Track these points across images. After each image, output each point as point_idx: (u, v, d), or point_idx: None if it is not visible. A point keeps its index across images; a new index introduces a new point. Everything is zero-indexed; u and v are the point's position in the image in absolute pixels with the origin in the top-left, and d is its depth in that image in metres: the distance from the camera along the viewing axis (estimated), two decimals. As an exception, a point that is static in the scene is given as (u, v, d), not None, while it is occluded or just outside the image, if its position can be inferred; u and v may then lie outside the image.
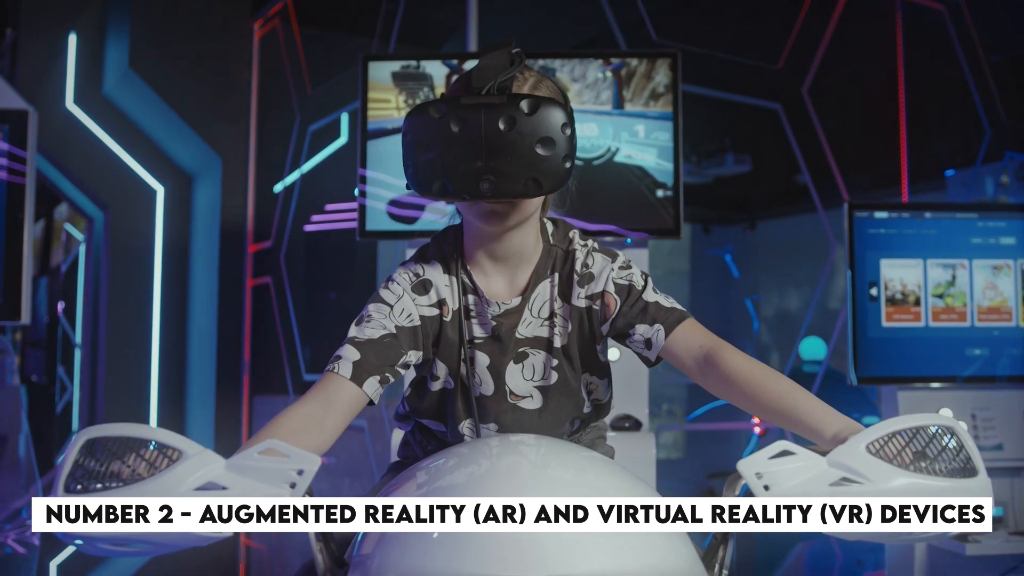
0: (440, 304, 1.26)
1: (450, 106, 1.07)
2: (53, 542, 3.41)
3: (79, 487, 0.83)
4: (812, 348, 4.14)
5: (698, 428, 5.74)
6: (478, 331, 1.27)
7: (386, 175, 2.33)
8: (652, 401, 2.30)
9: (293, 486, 0.84)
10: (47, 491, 3.44)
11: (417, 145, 1.10)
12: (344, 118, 3.65)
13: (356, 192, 2.37)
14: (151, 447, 0.85)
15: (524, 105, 1.07)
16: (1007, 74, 3.53)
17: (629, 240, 2.26)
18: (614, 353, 1.92)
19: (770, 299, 6.57)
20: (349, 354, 1.16)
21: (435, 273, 1.26)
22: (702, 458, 6.06)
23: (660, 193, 2.26)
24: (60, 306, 5.01)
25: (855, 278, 2.36)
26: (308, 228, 3.79)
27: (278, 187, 3.91)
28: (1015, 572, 2.29)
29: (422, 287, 1.25)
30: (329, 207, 3.68)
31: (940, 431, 0.88)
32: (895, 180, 3.39)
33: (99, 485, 0.83)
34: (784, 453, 0.86)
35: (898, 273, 2.37)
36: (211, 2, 3.87)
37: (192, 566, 3.65)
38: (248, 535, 3.85)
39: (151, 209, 3.77)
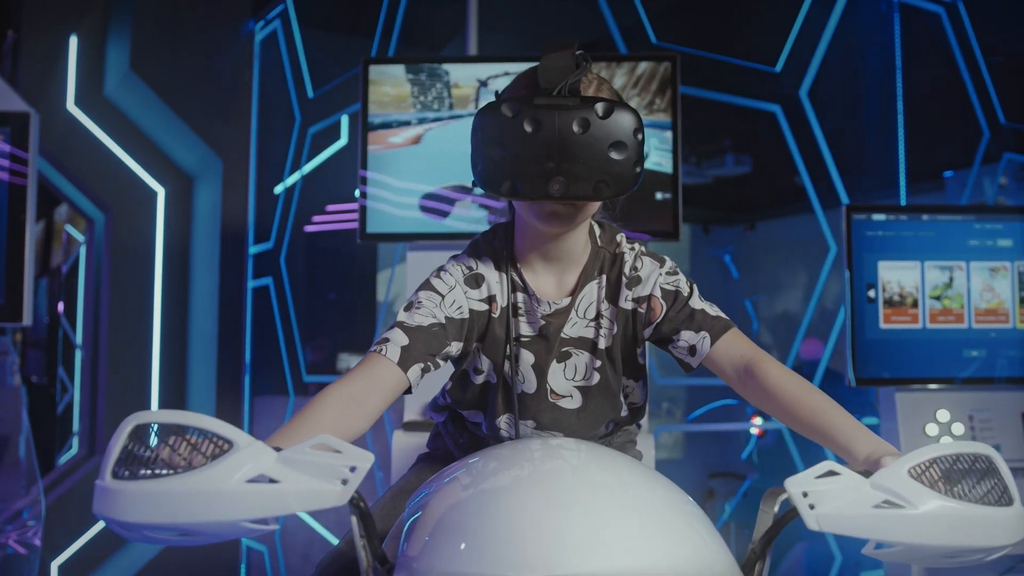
0: (490, 300, 1.27)
1: (523, 105, 1.08)
2: (55, 543, 3.42)
3: (126, 473, 0.81)
4: (811, 349, 4.15)
5: (697, 429, 5.75)
6: (525, 329, 1.28)
7: (389, 177, 2.34)
8: (653, 402, 2.32)
9: (345, 482, 0.82)
10: (48, 492, 3.45)
11: (488, 142, 1.10)
12: (344, 120, 3.66)
13: (357, 193, 2.38)
14: (201, 436, 0.83)
15: (599, 108, 1.08)
16: (1005, 76, 3.54)
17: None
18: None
19: (770, 300, 6.57)
20: (398, 338, 1.16)
21: (487, 269, 1.27)
22: (703, 458, 6.07)
23: (659, 195, 2.27)
24: (60, 307, 5.02)
25: (853, 280, 2.38)
26: (309, 229, 3.80)
27: (278, 189, 3.92)
28: (1012, 572, 2.30)
29: (474, 281, 1.27)
30: (331, 207, 3.69)
31: (978, 459, 0.91)
32: (894, 181, 3.41)
33: (147, 471, 0.81)
34: (830, 473, 0.87)
35: (896, 275, 2.38)
36: (212, 4, 3.87)
37: (192, 567, 3.66)
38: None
39: (152, 210, 3.78)
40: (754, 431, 3.99)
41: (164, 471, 0.81)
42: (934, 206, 2.43)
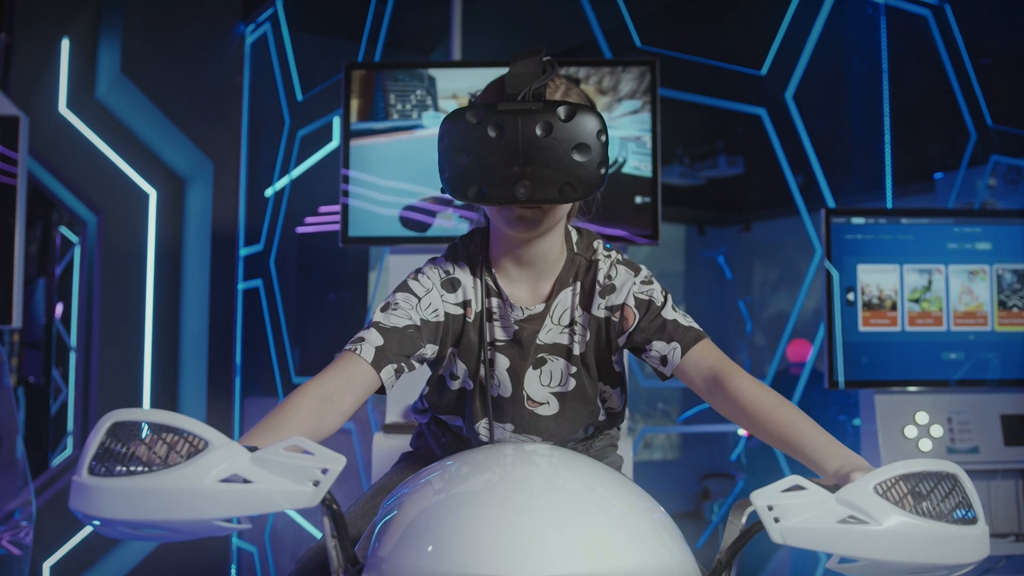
0: (465, 304, 1.28)
1: (487, 111, 1.10)
2: (47, 543, 3.44)
3: (103, 469, 0.83)
4: (799, 351, 4.17)
5: (683, 431, 5.78)
6: (499, 334, 1.29)
7: (375, 176, 2.36)
8: (647, 403, 2.33)
9: (316, 484, 0.84)
10: (39, 493, 3.47)
11: (454, 149, 1.12)
12: (336, 122, 3.68)
13: (341, 198, 2.39)
14: (177, 434, 0.85)
15: (561, 112, 1.09)
16: (992, 78, 3.55)
17: (608, 245, 2.29)
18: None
19: (763, 301, 6.58)
20: (372, 338, 1.17)
21: (463, 273, 1.29)
22: (696, 459, 6.09)
23: (639, 199, 2.28)
24: (59, 309, 5.04)
25: (831, 283, 2.39)
26: (301, 230, 3.81)
27: (269, 191, 3.94)
28: (991, 573, 2.31)
29: (451, 285, 1.28)
30: (324, 208, 3.71)
31: (945, 477, 0.92)
32: (881, 183, 3.42)
33: (123, 468, 0.83)
34: (796, 487, 0.89)
35: (875, 278, 2.40)
36: (202, 7, 3.89)
37: (183, 567, 3.68)
38: (240, 535, 3.88)
39: (144, 213, 3.80)
40: (742, 431, 4.00)
41: (140, 468, 0.83)
42: (913, 209, 2.44)
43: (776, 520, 0.86)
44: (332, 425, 1.11)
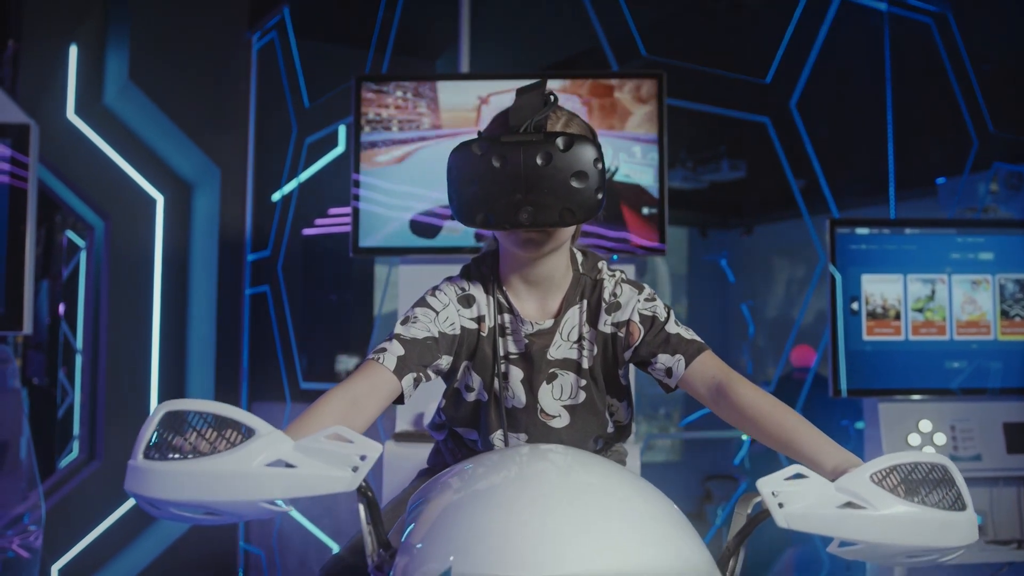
0: (479, 320, 1.35)
1: (491, 143, 1.17)
2: (56, 546, 3.47)
3: (157, 455, 0.90)
4: (803, 356, 4.20)
5: (688, 436, 5.80)
6: (512, 348, 1.36)
7: (383, 181, 2.38)
8: (650, 406, 2.35)
9: (355, 469, 0.90)
10: (49, 495, 3.49)
11: (461, 179, 1.20)
12: (342, 130, 3.70)
13: (352, 201, 2.42)
14: (225, 423, 0.91)
15: (560, 142, 1.17)
16: (993, 84, 3.57)
17: (615, 257, 2.31)
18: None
19: (766, 304, 6.60)
20: (394, 348, 1.24)
21: (477, 291, 1.36)
22: (699, 461, 6.12)
23: (645, 211, 2.31)
24: (61, 308, 5.07)
25: (835, 293, 2.41)
26: (309, 232, 3.84)
27: (276, 196, 3.97)
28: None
29: (466, 301, 1.35)
30: (333, 210, 3.73)
31: (935, 468, 1.00)
32: (885, 190, 3.44)
33: (176, 455, 0.89)
34: (798, 476, 0.96)
35: (879, 288, 2.43)
36: (210, 14, 3.92)
37: (191, 569, 3.71)
38: (247, 538, 3.91)
39: (151, 218, 3.82)
40: (746, 437, 4.02)
41: (191, 454, 0.90)
42: (916, 220, 2.47)
43: (780, 505, 0.93)
44: (359, 429, 1.15)
